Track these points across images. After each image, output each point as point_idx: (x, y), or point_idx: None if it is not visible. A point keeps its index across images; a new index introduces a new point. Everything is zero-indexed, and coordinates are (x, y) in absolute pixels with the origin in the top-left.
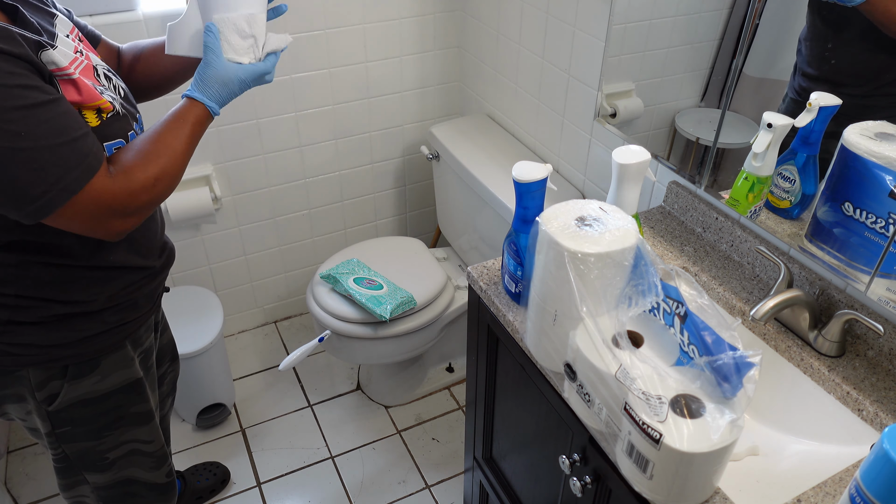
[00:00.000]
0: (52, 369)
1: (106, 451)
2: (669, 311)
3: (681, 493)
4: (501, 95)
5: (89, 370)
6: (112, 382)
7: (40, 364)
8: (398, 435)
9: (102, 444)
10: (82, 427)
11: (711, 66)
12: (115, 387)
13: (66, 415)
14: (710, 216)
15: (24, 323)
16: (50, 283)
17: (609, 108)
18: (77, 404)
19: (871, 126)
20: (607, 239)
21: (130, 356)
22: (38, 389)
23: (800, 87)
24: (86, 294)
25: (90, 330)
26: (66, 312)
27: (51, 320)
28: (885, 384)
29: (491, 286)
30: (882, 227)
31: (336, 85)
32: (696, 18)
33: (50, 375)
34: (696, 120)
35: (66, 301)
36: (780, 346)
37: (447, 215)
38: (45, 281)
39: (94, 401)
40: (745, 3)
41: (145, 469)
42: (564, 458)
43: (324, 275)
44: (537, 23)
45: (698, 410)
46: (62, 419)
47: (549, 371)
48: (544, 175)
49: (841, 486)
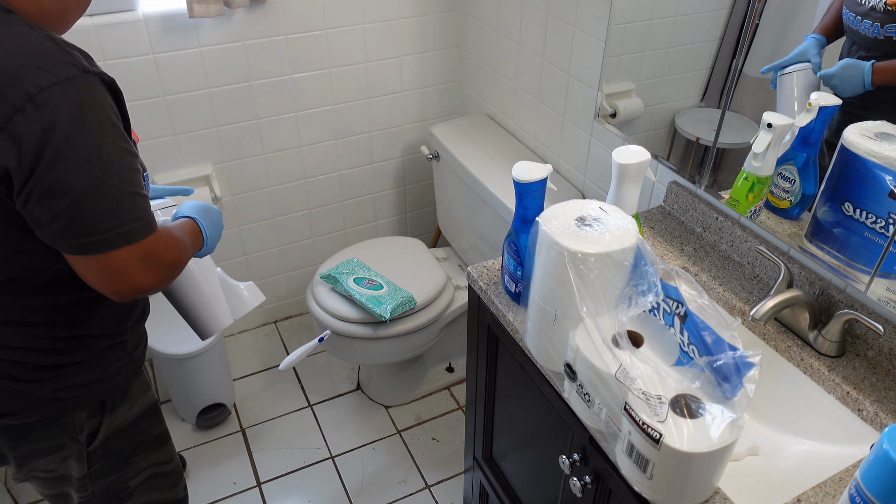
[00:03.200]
0: (92, 407)
1: (128, 479)
2: (669, 311)
3: (681, 493)
4: (501, 95)
5: (121, 399)
6: (139, 408)
7: (86, 404)
8: (398, 435)
9: (126, 474)
10: (111, 460)
11: (711, 66)
12: (141, 412)
13: (101, 450)
14: (710, 216)
15: (71, 364)
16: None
17: (609, 108)
18: (111, 437)
19: (871, 126)
20: (607, 239)
21: (148, 379)
22: (80, 431)
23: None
24: (117, 325)
25: (121, 360)
26: (104, 346)
27: (92, 356)
28: (885, 384)
29: (491, 286)
30: (882, 227)
31: (336, 85)
32: (696, 18)
33: (90, 414)
34: (696, 120)
35: (102, 335)
36: (780, 346)
37: (447, 215)
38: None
39: (125, 430)
40: (745, 3)
41: (165, 489)
42: (564, 458)
43: (324, 275)
44: (537, 23)
45: (698, 410)
46: (97, 456)
47: (549, 371)
48: (544, 175)
49: (841, 486)
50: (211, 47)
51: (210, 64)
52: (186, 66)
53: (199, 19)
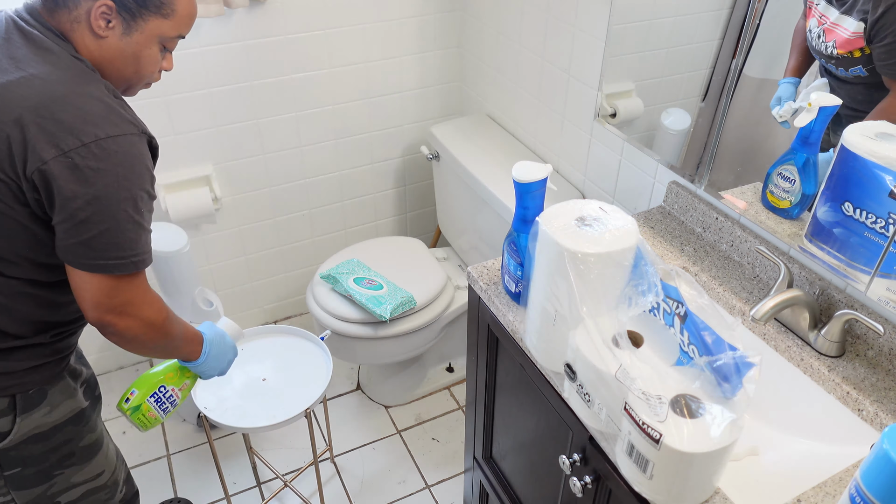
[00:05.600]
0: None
1: (58, 494)
2: (669, 311)
3: (681, 493)
4: (501, 95)
5: (39, 400)
6: (61, 413)
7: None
8: (398, 435)
9: (53, 487)
10: (33, 467)
11: (712, 66)
12: (64, 418)
13: (17, 453)
14: (710, 216)
15: None
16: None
17: (609, 108)
18: (29, 440)
19: (871, 126)
20: (607, 239)
21: (73, 386)
22: None
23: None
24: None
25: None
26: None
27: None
28: (885, 384)
29: (491, 286)
30: (882, 227)
31: (336, 85)
32: (696, 18)
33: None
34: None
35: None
36: (780, 346)
37: (447, 215)
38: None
39: (44, 435)
40: (745, 3)
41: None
42: (564, 457)
43: (324, 275)
44: (537, 23)
45: (698, 410)
46: (12, 459)
47: (549, 371)
48: (544, 175)
49: (841, 486)
50: (211, 47)
51: (210, 64)
52: (187, 67)
53: (199, 19)
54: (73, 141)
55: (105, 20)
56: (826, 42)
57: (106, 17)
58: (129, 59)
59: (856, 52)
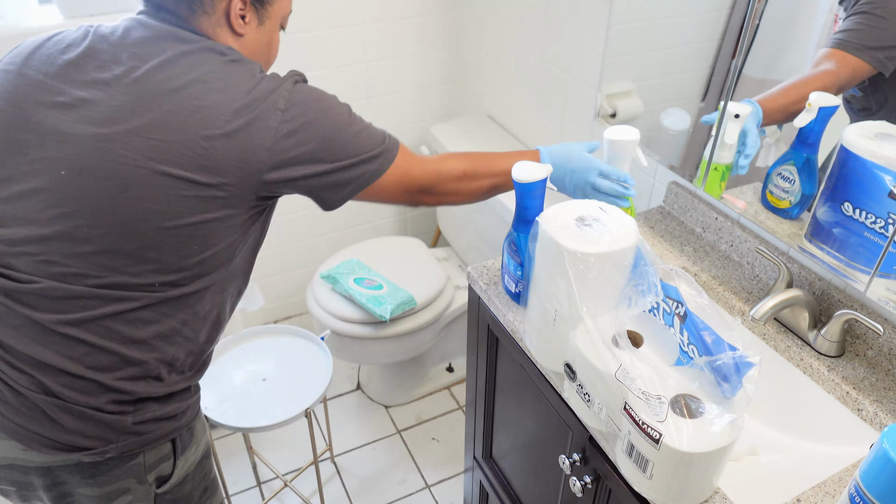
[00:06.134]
0: (164, 445)
1: None
2: (669, 311)
3: (681, 492)
4: (501, 95)
5: (189, 439)
6: (203, 448)
7: (160, 440)
8: (398, 435)
9: None
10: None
11: (712, 66)
12: (203, 452)
13: (171, 496)
14: (710, 216)
15: (148, 398)
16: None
17: (609, 108)
18: (183, 481)
19: (870, 126)
20: (607, 239)
21: (204, 419)
22: (149, 471)
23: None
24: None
25: (188, 398)
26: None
27: (170, 391)
28: (885, 384)
29: (491, 286)
30: (881, 227)
31: (336, 85)
32: (696, 18)
33: (162, 455)
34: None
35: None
36: (779, 346)
37: (447, 215)
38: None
39: (192, 474)
40: (745, 4)
41: None
42: (564, 457)
43: (324, 275)
44: (537, 23)
45: (698, 410)
46: (165, 501)
47: (549, 371)
48: (544, 175)
49: (841, 486)
50: None
51: None
52: None
53: None
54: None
55: (241, 16)
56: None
57: (242, 12)
58: (265, 48)
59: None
